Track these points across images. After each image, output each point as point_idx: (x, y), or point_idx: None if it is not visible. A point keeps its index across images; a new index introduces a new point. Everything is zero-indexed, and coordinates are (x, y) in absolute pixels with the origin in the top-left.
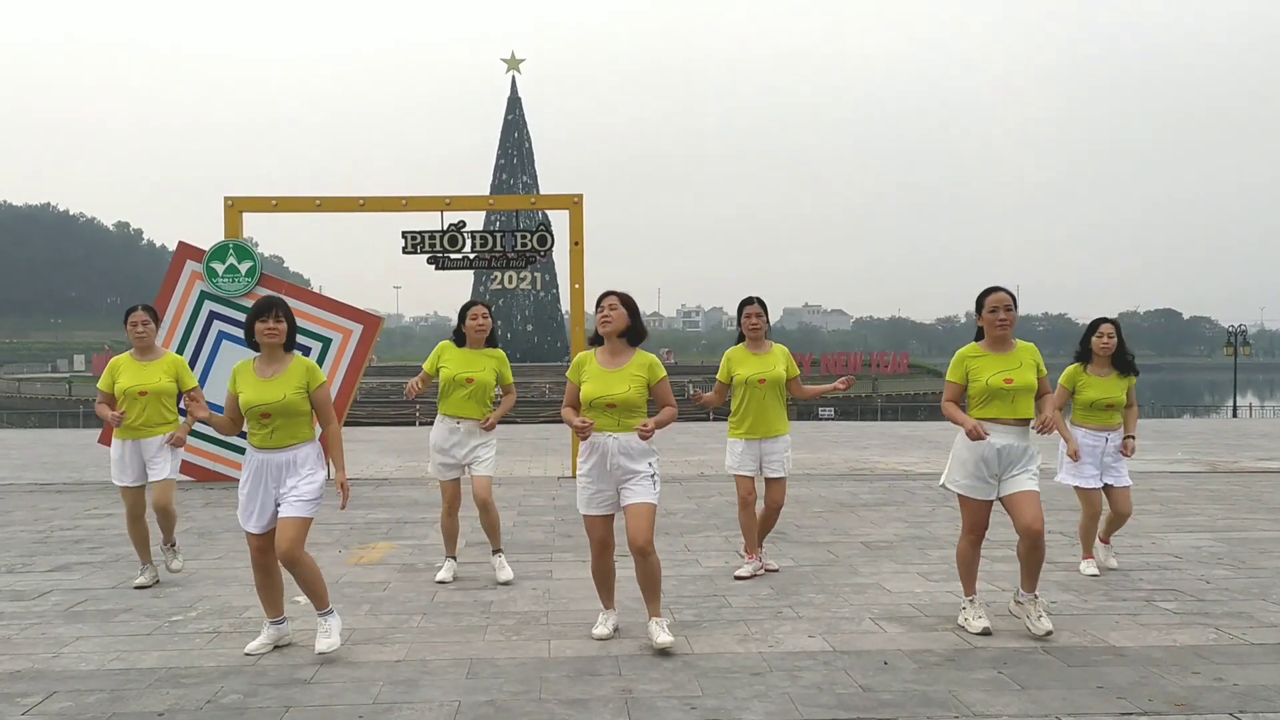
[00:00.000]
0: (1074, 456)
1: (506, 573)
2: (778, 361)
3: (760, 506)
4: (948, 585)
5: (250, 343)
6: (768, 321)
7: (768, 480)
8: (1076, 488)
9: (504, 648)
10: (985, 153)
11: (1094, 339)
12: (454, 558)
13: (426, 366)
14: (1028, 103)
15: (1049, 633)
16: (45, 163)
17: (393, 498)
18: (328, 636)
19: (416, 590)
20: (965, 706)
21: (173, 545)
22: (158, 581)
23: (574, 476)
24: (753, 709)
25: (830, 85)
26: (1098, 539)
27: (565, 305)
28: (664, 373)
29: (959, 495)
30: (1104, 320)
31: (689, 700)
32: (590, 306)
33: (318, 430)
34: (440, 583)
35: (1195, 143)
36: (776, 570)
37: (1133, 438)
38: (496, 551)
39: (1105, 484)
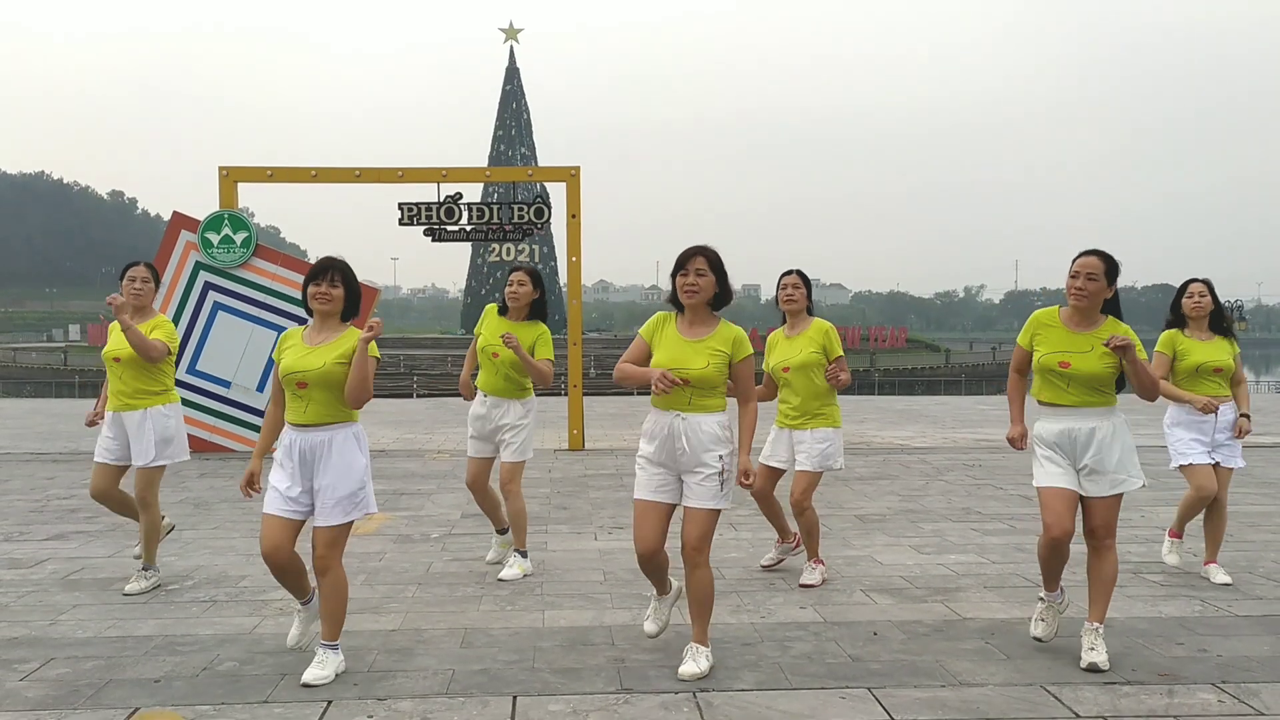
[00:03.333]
0: (1208, 408)
1: (511, 571)
2: (808, 343)
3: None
4: (938, 558)
5: (306, 308)
6: (808, 296)
7: (796, 473)
8: (1181, 466)
9: (498, 618)
10: (986, 139)
11: (1184, 300)
12: (501, 531)
13: (476, 330)
14: (1031, 89)
15: (1095, 667)
16: (39, 131)
17: (389, 469)
18: (321, 668)
19: (412, 561)
20: (952, 676)
21: (145, 566)
22: (171, 529)
23: (570, 449)
24: (743, 678)
25: (830, 67)
26: (1205, 563)
27: (563, 277)
28: (750, 351)
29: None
30: (1194, 280)
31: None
32: (588, 279)
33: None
34: (491, 563)
35: (1196, 130)
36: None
37: (1247, 416)
38: (516, 550)
39: (1215, 460)
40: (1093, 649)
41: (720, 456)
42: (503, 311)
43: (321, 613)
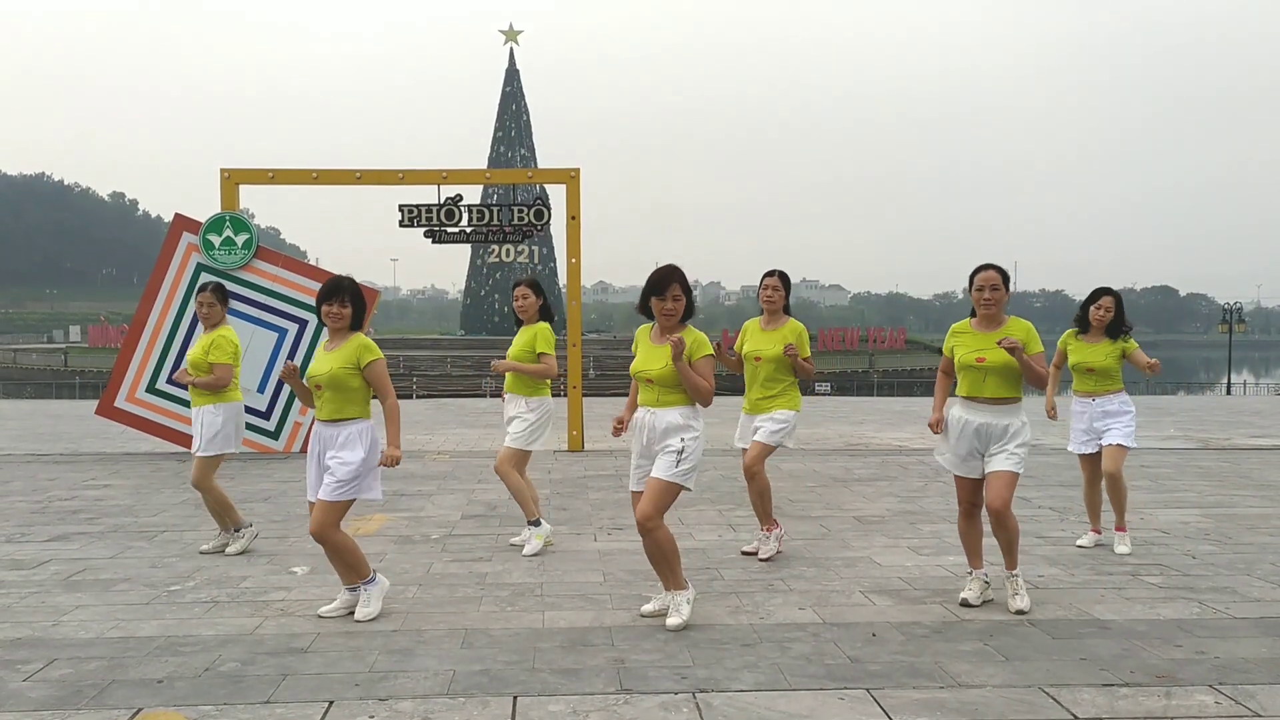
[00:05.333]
0: (1049, 414)
1: (532, 545)
2: (782, 340)
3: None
4: (937, 559)
5: (321, 322)
6: (786, 296)
7: (751, 442)
8: (1079, 455)
9: (498, 618)
10: (985, 134)
11: (1092, 309)
12: (534, 522)
13: None
14: (1030, 86)
15: (1020, 611)
16: (42, 132)
17: (390, 470)
18: (366, 605)
19: (413, 561)
20: (951, 677)
21: (232, 529)
22: (244, 551)
23: (570, 450)
24: (742, 679)
25: (831, 65)
26: (1114, 528)
27: (562, 278)
28: (708, 350)
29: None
30: (1105, 292)
31: (680, 670)
32: (587, 280)
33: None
34: (530, 555)
35: (1195, 126)
36: (766, 552)
37: (1153, 365)
38: (530, 523)
39: (1097, 447)
40: (1016, 594)
41: (682, 439)
42: (518, 324)
43: (338, 569)
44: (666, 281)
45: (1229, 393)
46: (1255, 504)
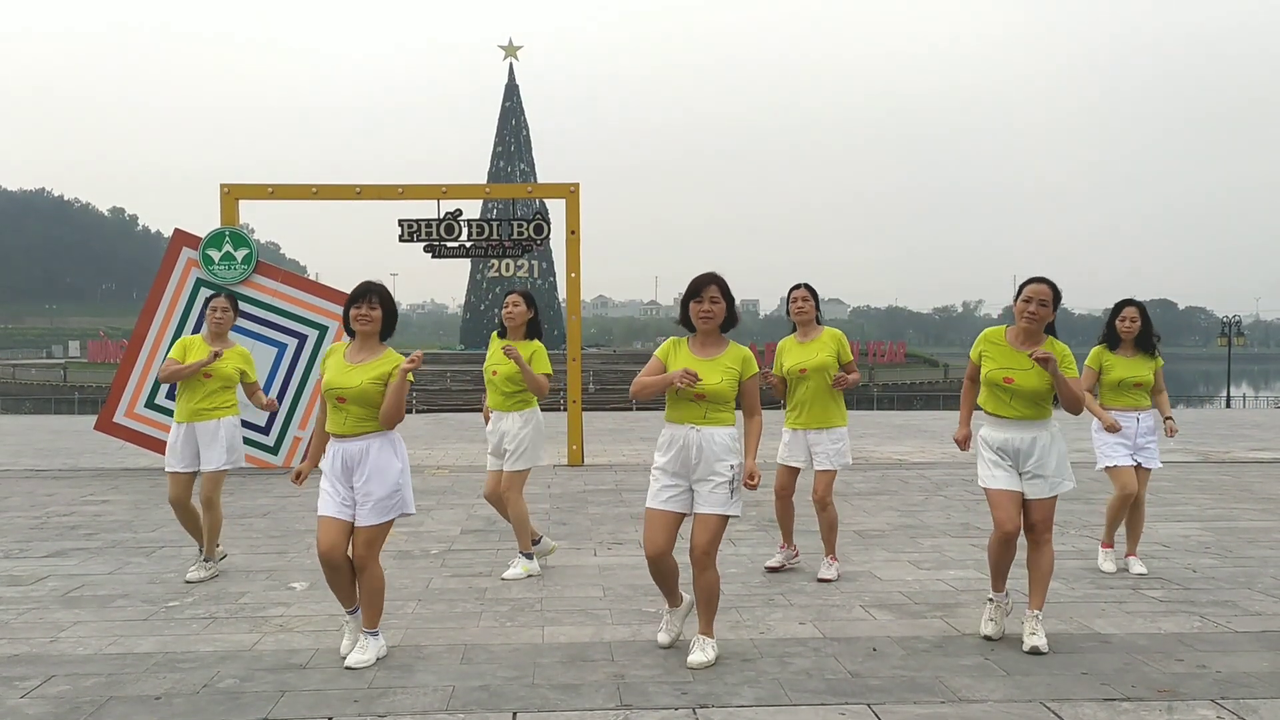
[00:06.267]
0: (1112, 429)
1: (514, 571)
2: (822, 349)
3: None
4: (938, 573)
5: (348, 329)
6: (816, 307)
7: (816, 472)
8: (1108, 468)
9: (498, 634)
10: (985, 150)
11: (1118, 322)
12: (528, 554)
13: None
14: (1031, 104)
15: (1036, 650)
16: (41, 147)
17: None
18: (363, 653)
19: (412, 577)
20: (951, 692)
21: (206, 557)
22: (215, 576)
23: (570, 465)
24: (742, 694)
25: (830, 81)
26: (1128, 554)
27: (562, 293)
28: (756, 369)
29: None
30: (1128, 303)
31: (680, 686)
32: (587, 295)
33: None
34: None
35: (1194, 142)
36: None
37: (1171, 419)
38: (521, 554)
39: (1136, 463)
40: (1034, 634)
41: (731, 466)
42: (502, 334)
43: (361, 603)
44: (705, 284)
45: (1229, 406)
46: (1256, 517)
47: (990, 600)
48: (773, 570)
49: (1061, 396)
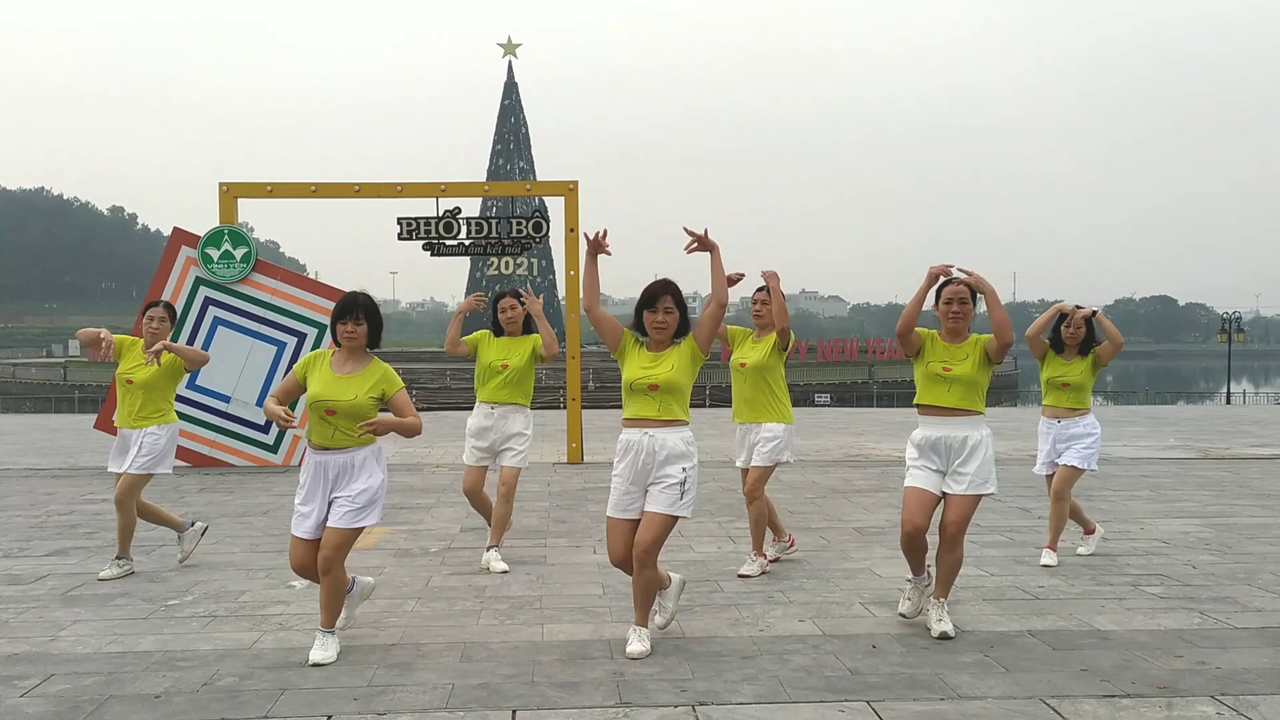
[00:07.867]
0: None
1: (501, 565)
2: (766, 347)
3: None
4: None
5: (335, 340)
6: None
7: (750, 467)
8: (1045, 477)
9: (497, 632)
10: (983, 146)
11: (1064, 329)
12: (494, 547)
13: (468, 339)
14: (1028, 101)
15: (945, 635)
16: (40, 146)
17: (388, 483)
18: (324, 650)
19: (411, 575)
20: (951, 689)
21: (118, 555)
22: (130, 573)
23: (569, 462)
24: (742, 691)
25: (830, 78)
26: (1047, 546)
27: (562, 291)
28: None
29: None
30: (1079, 310)
31: (679, 683)
32: None
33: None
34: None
35: (1194, 138)
36: (772, 560)
37: (1080, 307)
38: (491, 547)
39: (1055, 471)
40: (940, 620)
41: (684, 469)
42: (498, 334)
43: (321, 603)
44: (658, 294)
45: (1229, 402)
46: (1256, 513)
47: (909, 581)
48: (771, 562)
49: (992, 317)
